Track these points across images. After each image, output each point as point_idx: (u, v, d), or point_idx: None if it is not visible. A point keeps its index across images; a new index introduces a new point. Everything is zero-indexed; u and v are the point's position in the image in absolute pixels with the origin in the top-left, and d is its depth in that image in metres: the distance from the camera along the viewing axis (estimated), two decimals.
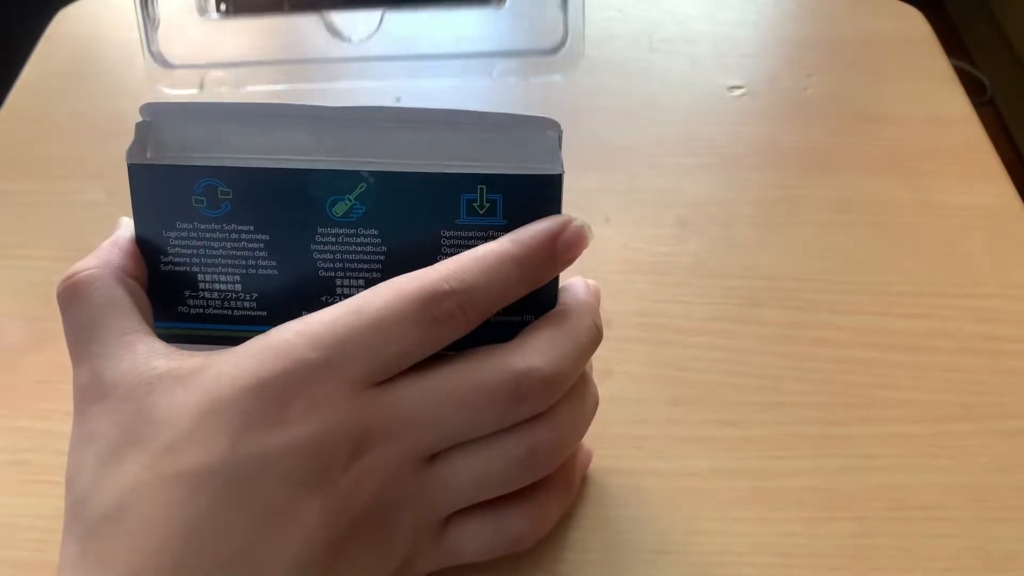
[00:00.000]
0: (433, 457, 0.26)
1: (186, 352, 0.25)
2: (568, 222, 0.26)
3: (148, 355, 0.24)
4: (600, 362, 0.38)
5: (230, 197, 0.26)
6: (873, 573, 0.32)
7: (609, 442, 0.36)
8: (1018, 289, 0.41)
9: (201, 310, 0.28)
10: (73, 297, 0.25)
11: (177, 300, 0.28)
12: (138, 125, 0.26)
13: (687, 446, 0.36)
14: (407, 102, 0.51)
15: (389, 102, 0.51)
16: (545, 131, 0.26)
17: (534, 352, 0.26)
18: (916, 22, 0.58)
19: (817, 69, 0.54)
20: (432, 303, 0.24)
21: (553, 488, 0.29)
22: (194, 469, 0.22)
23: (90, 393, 0.24)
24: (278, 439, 0.23)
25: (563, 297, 0.28)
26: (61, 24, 0.58)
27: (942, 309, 0.41)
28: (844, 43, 0.57)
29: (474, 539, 0.27)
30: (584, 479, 0.34)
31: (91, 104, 0.52)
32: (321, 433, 0.23)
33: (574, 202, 0.28)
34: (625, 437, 0.36)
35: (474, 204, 0.26)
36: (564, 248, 0.26)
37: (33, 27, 0.58)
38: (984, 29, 1.68)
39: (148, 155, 0.26)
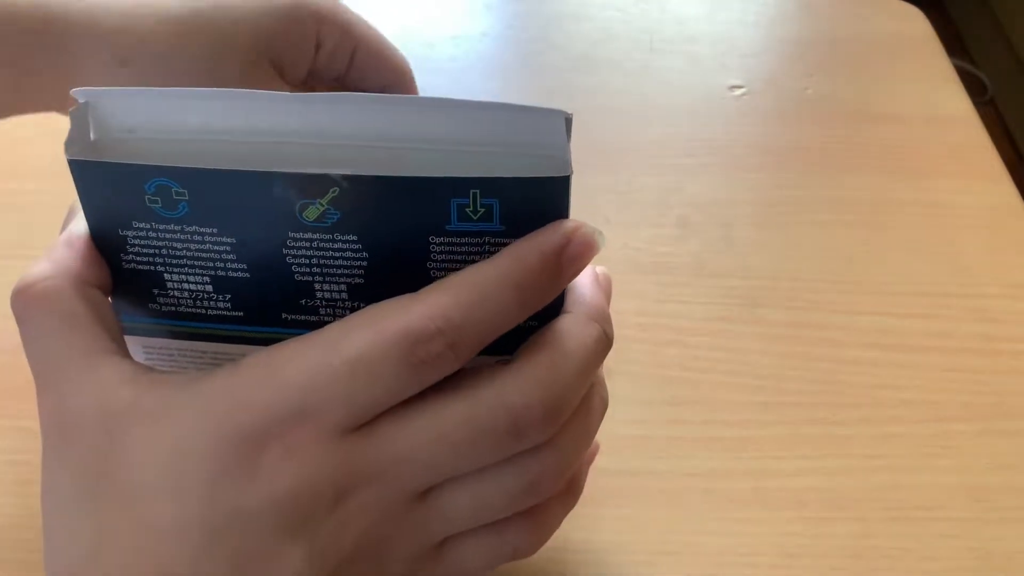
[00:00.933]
0: (426, 491, 0.24)
1: (154, 376, 0.23)
2: (574, 231, 0.23)
3: (112, 383, 0.23)
4: None
5: (187, 198, 0.23)
6: (874, 573, 0.32)
7: (610, 442, 0.36)
8: (1018, 289, 0.41)
9: (173, 308, 0.26)
10: (30, 313, 0.23)
11: (146, 297, 0.25)
12: (73, 112, 0.22)
13: (688, 446, 0.36)
14: None
15: None
16: (550, 119, 0.22)
17: (533, 383, 0.23)
18: (917, 21, 0.58)
19: (818, 68, 0.54)
20: (417, 345, 0.21)
21: (556, 495, 0.27)
22: (166, 522, 0.21)
23: (55, 427, 0.23)
24: (254, 492, 0.21)
25: (569, 299, 0.25)
26: None
27: (943, 309, 0.41)
28: (845, 42, 0.57)
29: (474, 556, 0.26)
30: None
31: None
32: (299, 484, 0.22)
33: (574, 203, 0.27)
34: (626, 437, 0.36)
35: (466, 209, 0.23)
36: (570, 261, 0.23)
37: None
38: (984, 28, 1.68)
39: (92, 137, 0.23)
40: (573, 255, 0.23)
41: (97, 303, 0.24)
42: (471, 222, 0.23)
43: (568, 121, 0.22)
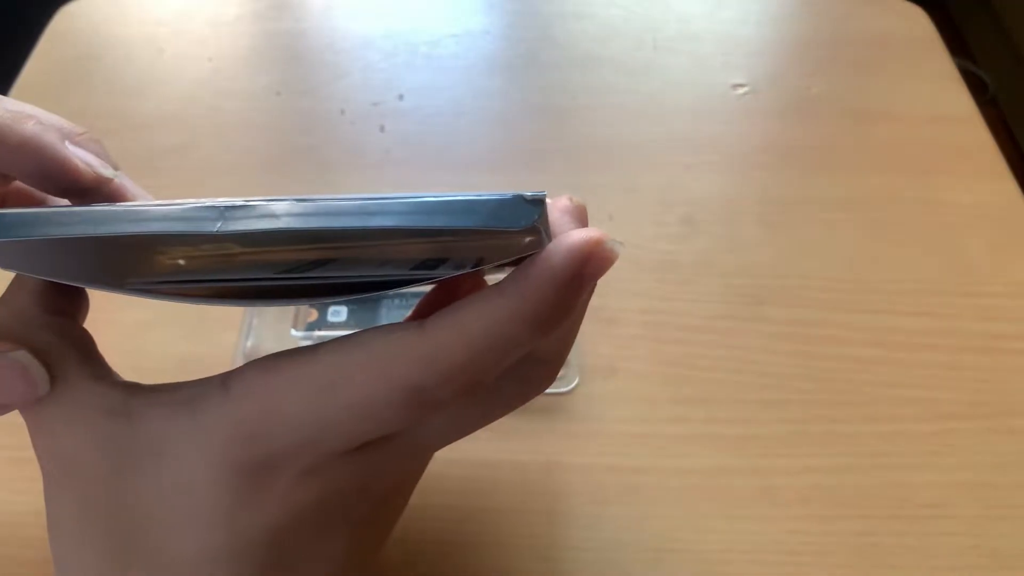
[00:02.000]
0: None
1: (141, 399, 0.22)
2: (594, 248, 0.20)
3: (102, 416, 0.22)
4: (605, 360, 0.38)
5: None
6: (878, 571, 0.32)
7: (613, 439, 0.36)
8: (1021, 287, 0.41)
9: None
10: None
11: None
12: None
13: (692, 444, 0.36)
14: (409, 99, 0.51)
15: (392, 100, 0.51)
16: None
17: (550, 373, 0.24)
18: (919, 21, 0.58)
19: (820, 67, 0.54)
20: (423, 394, 0.20)
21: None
22: (188, 553, 0.21)
23: (55, 466, 0.23)
24: (277, 510, 0.21)
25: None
26: (62, 21, 0.58)
27: (947, 307, 0.41)
28: (847, 42, 0.56)
29: None
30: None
31: (92, 101, 0.52)
32: (321, 497, 0.22)
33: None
34: (629, 435, 0.36)
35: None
36: (590, 278, 0.20)
37: (34, 24, 0.58)
38: (986, 28, 1.68)
39: None
40: (593, 273, 0.20)
41: (63, 329, 0.23)
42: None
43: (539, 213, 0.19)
